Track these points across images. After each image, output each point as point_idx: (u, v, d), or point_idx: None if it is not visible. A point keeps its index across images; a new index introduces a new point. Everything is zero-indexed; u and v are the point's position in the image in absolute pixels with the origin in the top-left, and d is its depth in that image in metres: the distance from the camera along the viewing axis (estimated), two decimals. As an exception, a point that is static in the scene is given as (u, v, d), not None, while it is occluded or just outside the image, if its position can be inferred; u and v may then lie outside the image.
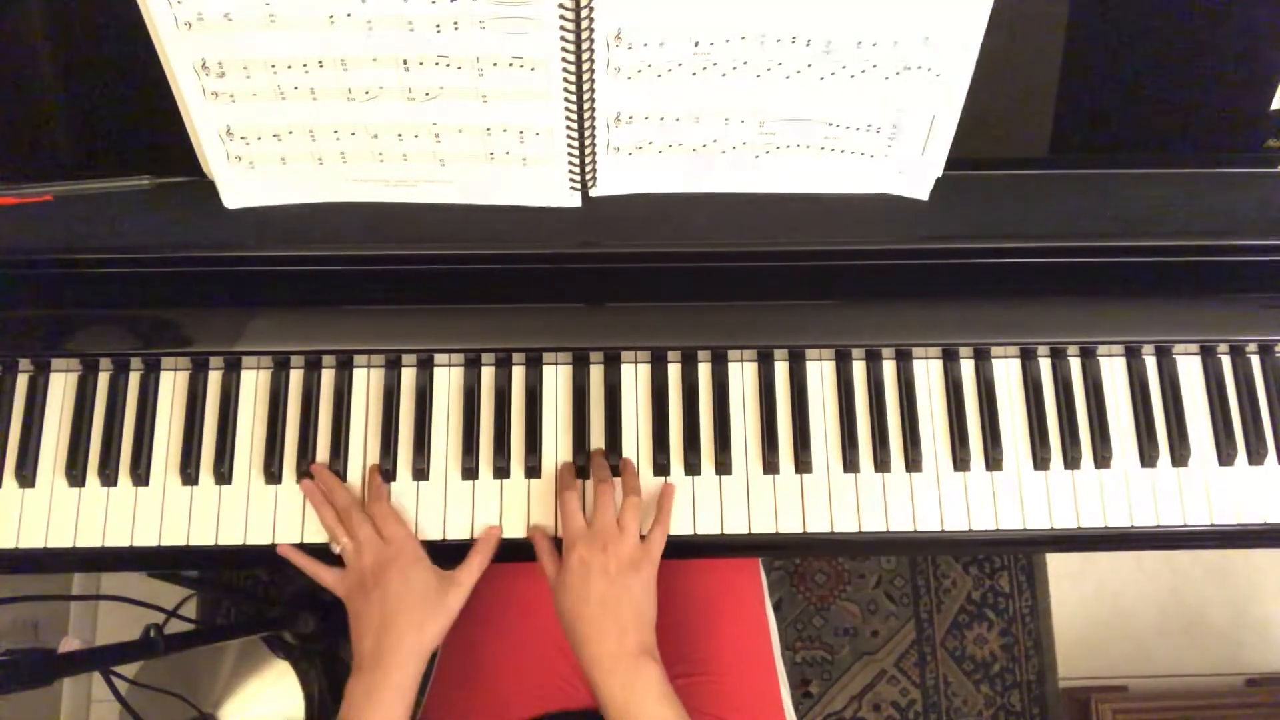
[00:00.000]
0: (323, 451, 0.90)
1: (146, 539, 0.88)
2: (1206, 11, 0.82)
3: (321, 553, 0.87)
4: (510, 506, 0.89)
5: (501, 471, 0.89)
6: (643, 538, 0.84)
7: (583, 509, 0.85)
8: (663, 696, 0.77)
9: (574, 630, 0.80)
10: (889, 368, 0.91)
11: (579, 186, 0.82)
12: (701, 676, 0.99)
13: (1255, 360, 0.92)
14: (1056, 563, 1.77)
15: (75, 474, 0.89)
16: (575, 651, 0.80)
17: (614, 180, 0.82)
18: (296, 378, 0.91)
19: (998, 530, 0.88)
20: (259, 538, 0.88)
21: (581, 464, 0.89)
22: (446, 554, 0.88)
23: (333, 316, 0.88)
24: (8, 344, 0.88)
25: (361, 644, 0.81)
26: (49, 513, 0.89)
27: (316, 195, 0.83)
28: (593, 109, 0.76)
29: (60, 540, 0.88)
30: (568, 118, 0.77)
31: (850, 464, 0.89)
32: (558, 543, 0.86)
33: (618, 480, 0.88)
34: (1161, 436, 0.90)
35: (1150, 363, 0.92)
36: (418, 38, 0.71)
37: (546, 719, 0.98)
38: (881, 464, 0.89)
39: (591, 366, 0.91)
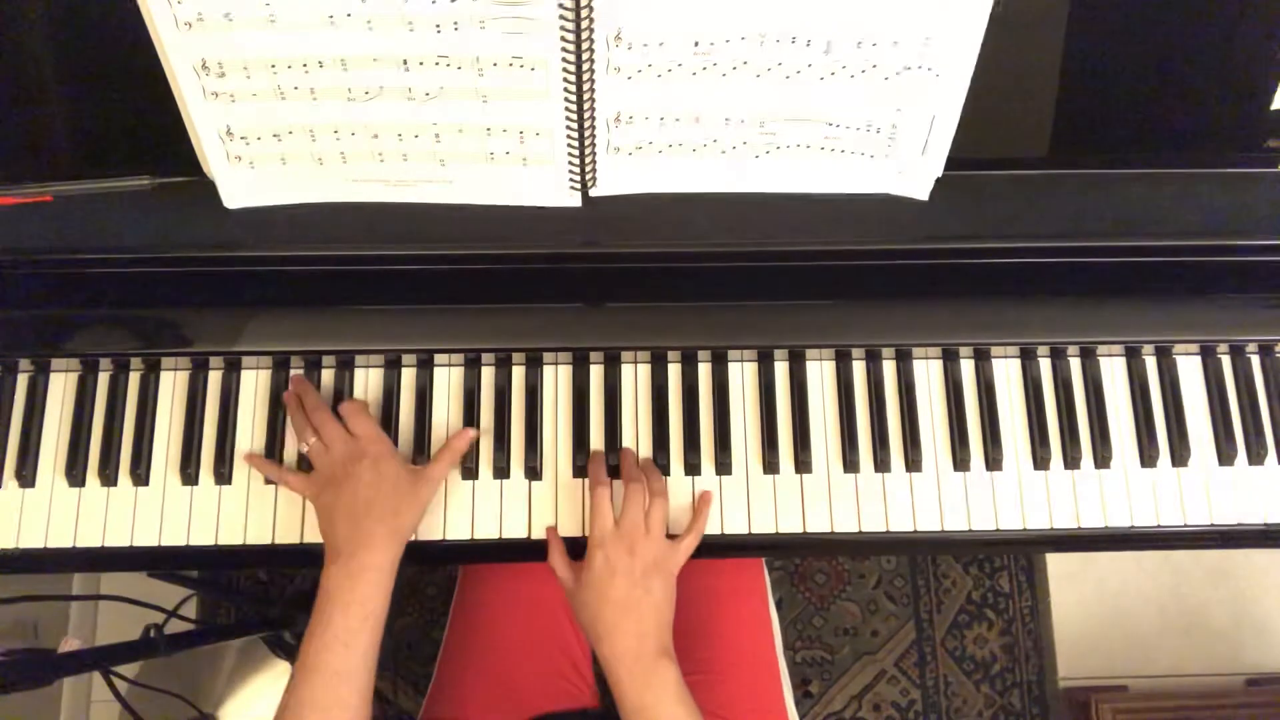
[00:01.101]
0: (323, 451, 0.90)
1: (146, 539, 0.88)
2: (1206, 11, 0.82)
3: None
4: (510, 506, 0.89)
5: (501, 471, 0.89)
6: (671, 537, 0.84)
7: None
8: (679, 697, 0.77)
9: (593, 628, 0.80)
10: (889, 368, 0.91)
11: (579, 186, 0.82)
12: (704, 676, 0.99)
13: (1255, 360, 0.92)
14: (1056, 563, 1.77)
15: (75, 474, 0.89)
16: (593, 647, 0.81)
17: (614, 180, 0.82)
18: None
19: (998, 530, 0.88)
20: (259, 538, 0.88)
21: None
22: (446, 555, 0.88)
23: (333, 316, 0.88)
24: (8, 344, 0.88)
25: (335, 533, 0.79)
26: (49, 513, 0.89)
27: (316, 195, 0.83)
28: (593, 109, 0.76)
29: (60, 540, 0.88)
30: (568, 118, 0.77)
31: (850, 464, 0.89)
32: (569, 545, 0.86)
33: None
34: (1161, 436, 0.90)
35: (1150, 363, 0.92)
36: (418, 38, 0.71)
37: (546, 719, 0.98)
38: (881, 464, 0.89)
39: (591, 366, 0.91)
